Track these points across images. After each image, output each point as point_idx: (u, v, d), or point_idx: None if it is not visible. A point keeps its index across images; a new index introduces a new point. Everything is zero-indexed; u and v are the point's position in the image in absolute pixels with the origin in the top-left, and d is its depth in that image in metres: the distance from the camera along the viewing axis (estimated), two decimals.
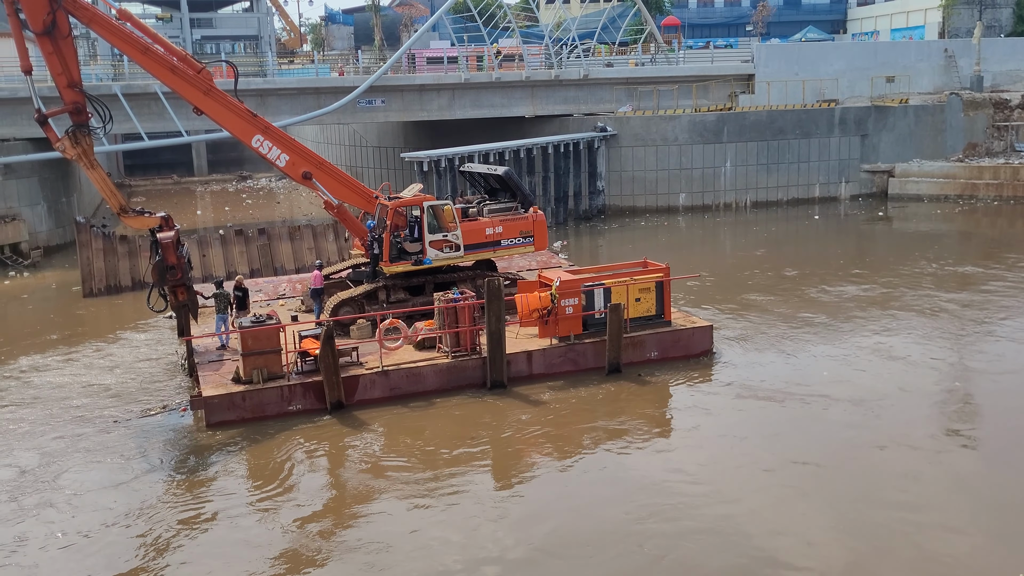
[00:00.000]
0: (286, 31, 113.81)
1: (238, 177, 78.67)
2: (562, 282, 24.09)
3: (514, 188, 28.14)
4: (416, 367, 22.68)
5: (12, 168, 42.24)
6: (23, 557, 15.62)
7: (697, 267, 33.15)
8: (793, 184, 52.48)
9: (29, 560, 15.53)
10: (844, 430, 19.97)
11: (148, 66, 23.40)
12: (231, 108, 24.25)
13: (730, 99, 54.46)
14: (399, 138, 60.28)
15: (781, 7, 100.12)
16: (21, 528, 16.57)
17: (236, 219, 54.48)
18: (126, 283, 35.05)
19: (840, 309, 29.60)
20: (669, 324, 25.17)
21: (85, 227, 35.00)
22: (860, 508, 16.35)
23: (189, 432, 20.88)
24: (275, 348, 21.70)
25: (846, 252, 40.21)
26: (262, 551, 15.63)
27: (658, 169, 50.90)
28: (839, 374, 23.50)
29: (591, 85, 53.30)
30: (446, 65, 56.21)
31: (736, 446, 19.30)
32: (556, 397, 22.36)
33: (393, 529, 16.25)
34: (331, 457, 19.69)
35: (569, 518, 16.47)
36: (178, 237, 23.45)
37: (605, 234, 46.39)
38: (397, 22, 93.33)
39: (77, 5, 21.88)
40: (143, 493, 17.85)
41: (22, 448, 20.08)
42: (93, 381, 24.51)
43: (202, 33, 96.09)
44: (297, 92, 49.31)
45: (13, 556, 15.65)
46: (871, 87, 55.29)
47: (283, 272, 36.12)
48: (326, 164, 26.13)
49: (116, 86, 43.77)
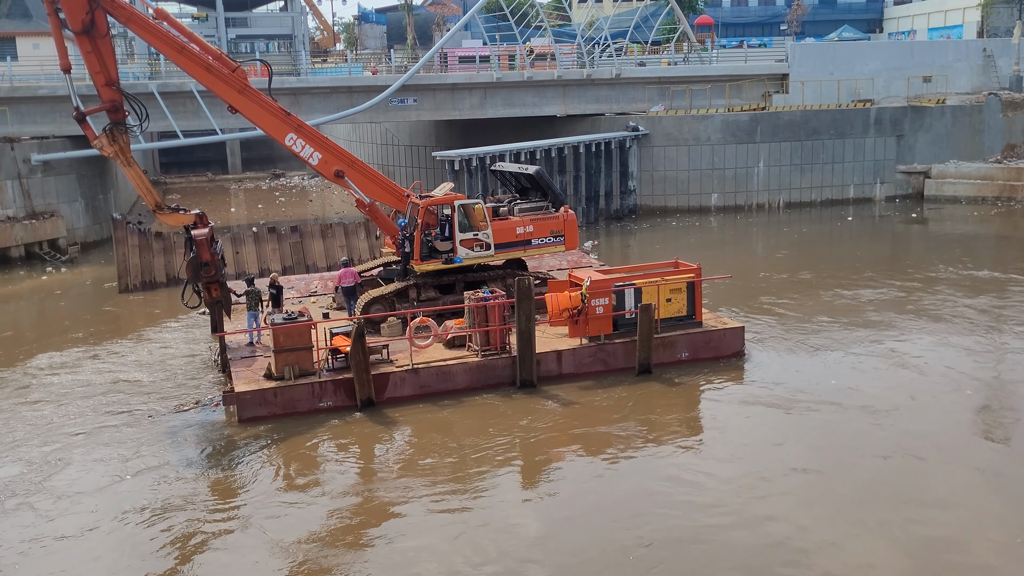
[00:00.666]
0: (320, 30, 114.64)
1: (271, 175, 79.36)
2: (592, 282, 24.03)
3: (545, 187, 28.12)
4: (446, 365, 22.74)
5: (51, 165, 42.94)
6: (60, 547, 15.87)
7: (729, 267, 32.93)
8: (827, 185, 51.98)
9: (62, 553, 15.78)
10: (884, 437, 19.64)
11: (184, 65, 23.67)
12: (265, 106, 24.47)
13: (764, 99, 54.03)
14: (431, 137, 60.48)
15: (816, 6, 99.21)
16: (56, 520, 16.82)
17: (269, 217, 54.96)
18: (161, 279, 35.50)
19: (875, 311, 29.25)
20: (700, 325, 25.02)
21: (121, 224, 35.50)
22: (910, 528, 16.05)
23: (221, 427, 21.09)
24: (307, 345, 21.86)
25: (881, 254, 39.76)
26: (291, 547, 15.74)
27: (690, 169, 50.64)
28: (876, 379, 23.18)
29: (623, 84, 53.13)
30: (478, 64, 56.31)
31: (770, 452, 19.06)
32: (585, 397, 22.31)
33: (420, 528, 16.30)
34: (360, 454, 19.81)
35: (594, 522, 16.42)
36: (212, 234, 23.71)
37: (636, 234, 46.23)
38: (430, 21, 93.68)
39: (115, 4, 22.20)
40: (175, 487, 18.05)
41: (56, 442, 20.39)
42: (127, 376, 24.83)
43: (237, 32, 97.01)
44: (330, 91, 49.64)
45: (47, 546, 15.91)
46: (907, 87, 54.59)
47: (315, 270, 36.38)
48: (358, 162, 26.27)
49: (153, 84, 44.37)
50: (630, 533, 15.84)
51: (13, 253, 40.77)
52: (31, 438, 20.62)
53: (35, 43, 66.91)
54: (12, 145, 41.94)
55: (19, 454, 19.78)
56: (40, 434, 20.84)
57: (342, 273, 26.39)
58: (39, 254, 41.41)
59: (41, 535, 16.27)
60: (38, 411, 22.35)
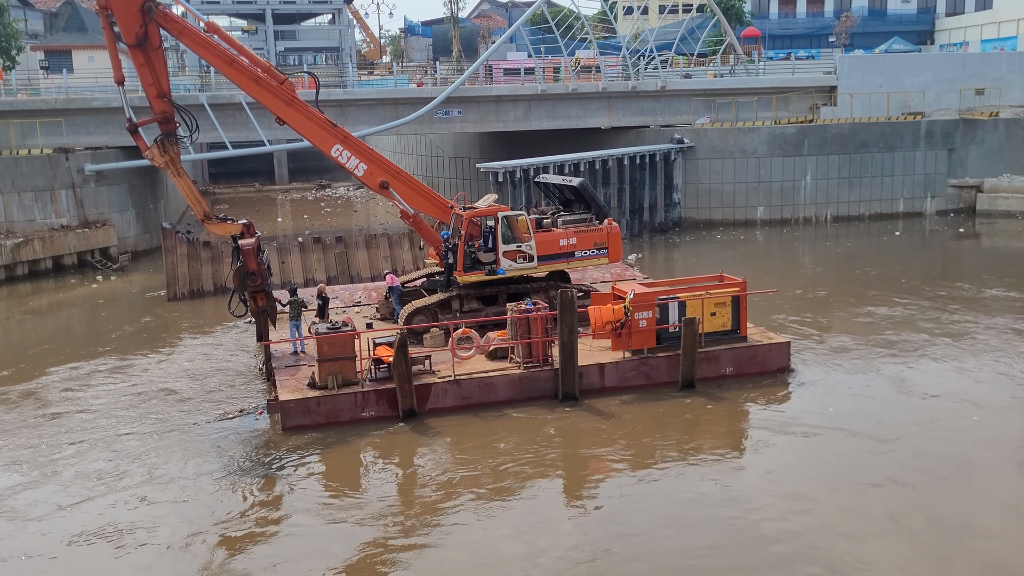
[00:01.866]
0: (366, 43, 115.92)
1: (317, 186, 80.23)
2: (636, 295, 23.87)
3: (589, 199, 28.04)
4: (488, 377, 22.71)
5: (104, 175, 43.84)
6: (112, 552, 16.10)
7: (774, 282, 32.54)
8: (876, 199, 51.19)
9: (98, 559, 16.00)
10: (934, 459, 19.21)
11: (233, 77, 24.02)
12: (312, 118, 24.73)
13: (811, 111, 53.43)
14: (475, 148, 60.70)
15: (865, 17, 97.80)
16: (103, 527, 17.07)
17: (315, 227, 55.51)
18: (208, 288, 35.98)
19: (927, 330, 28.63)
20: (745, 339, 24.72)
21: (171, 233, 36.07)
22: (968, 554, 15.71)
23: (265, 435, 21.27)
24: (350, 355, 21.99)
25: (931, 269, 38.99)
26: (331, 555, 15.80)
27: (735, 182, 50.20)
28: (925, 398, 22.72)
29: (668, 96, 52.88)
30: (522, 76, 56.43)
31: (814, 473, 18.73)
32: (628, 411, 22.13)
33: (461, 539, 16.27)
34: (402, 464, 19.84)
35: (638, 538, 16.25)
36: (259, 244, 23.98)
37: (680, 247, 45.91)
38: (475, 34, 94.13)
39: (168, 18, 22.62)
40: (218, 495, 18.23)
41: (101, 449, 20.69)
42: (173, 383, 25.17)
43: (285, 45, 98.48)
44: (376, 103, 50.08)
45: (102, 550, 16.15)
46: (959, 99, 53.61)
47: (359, 280, 36.63)
48: (403, 174, 26.42)
49: (203, 96, 45.09)
50: (674, 551, 15.65)
51: (66, 261, 41.66)
52: (84, 444, 20.97)
53: (90, 56, 68.61)
54: (67, 155, 42.91)
55: (76, 461, 20.12)
56: (91, 441, 21.19)
57: (390, 277, 27.51)
58: (91, 262, 42.25)
59: (86, 534, 16.54)
60: (87, 418, 22.71)
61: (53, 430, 21.85)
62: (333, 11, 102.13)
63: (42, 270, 40.84)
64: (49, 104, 45.61)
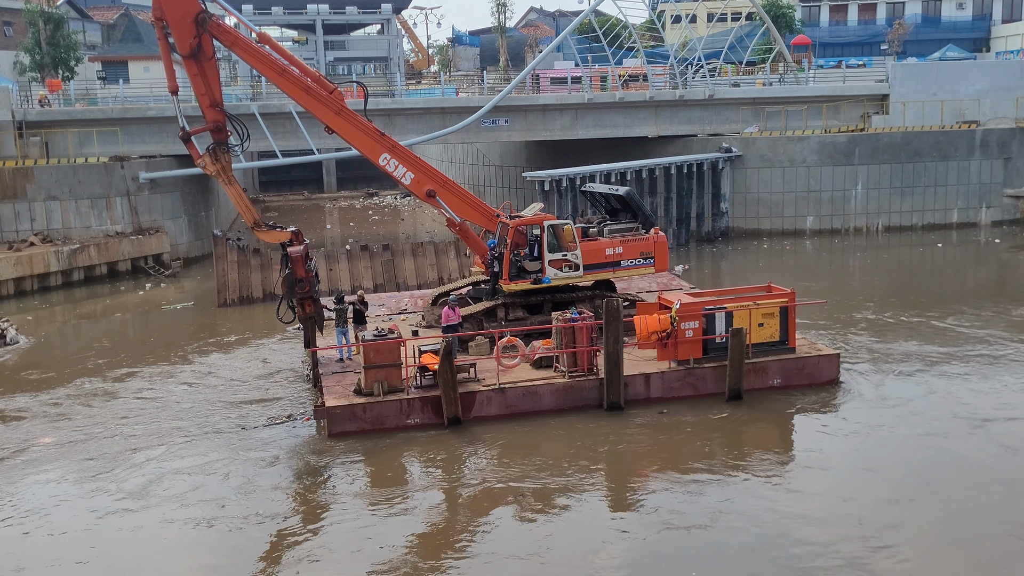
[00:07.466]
0: (414, 52, 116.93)
1: (365, 194, 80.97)
2: (682, 305, 23.68)
3: (635, 208, 27.92)
4: (532, 385, 22.69)
5: (157, 183, 44.73)
6: (161, 550, 16.38)
7: (824, 293, 32.04)
8: (929, 209, 50.21)
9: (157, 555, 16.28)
10: (992, 479, 18.77)
11: (284, 87, 24.35)
12: (360, 127, 24.95)
13: (862, 120, 52.65)
14: (521, 157, 60.79)
15: (919, 24, 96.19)
16: (156, 526, 17.38)
17: (362, 235, 56.00)
18: (258, 295, 36.48)
19: (981, 343, 27.97)
20: (793, 351, 24.39)
21: (221, 240, 36.65)
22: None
23: (311, 441, 21.47)
24: (396, 362, 22.12)
25: (986, 281, 38.11)
26: (375, 562, 15.88)
27: (784, 191, 49.59)
28: (979, 412, 22.20)
29: (716, 105, 52.49)
30: (569, 85, 56.43)
31: (865, 487, 18.41)
32: (674, 422, 21.94)
33: (506, 547, 16.24)
34: (446, 472, 19.88)
35: (683, 550, 16.08)
36: (307, 251, 24.23)
37: (728, 257, 45.47)
38: (522, 43, 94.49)
39: (221, 29, 23.02)
40: (265, 499, 18.43)
41: (153, 454, 21.04)
42: (221, 389, 25.54)
43: (335, 55, 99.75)
44: (423, 112, 50.43)
45: (158, 545, 16.43)
46: (1016, 108, 52.42)
47: (405, 288, 36.86)
48: (449, 182, 26.54)
49: (254, 106, 45.81)
50: (723, 566, 15.46)
51: (120, 267, 42.56)
52: (137, 443, 21.38)
53: (145, 66, 70.08)
54: (122, 164, 43.86)
55: (130, 467, 20.51)
56: (144, 437, 21.59)
57: (446, 312, 24.56)
58: (144, 268, 43.10)
59: (137, 534, 16.83)
60: (138, 423, 23.14)
61: (101, 430, 22.27)
62: (382, 21, 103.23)
63: (97, 276, 41.75)
64: (105, 114, 46.69)
